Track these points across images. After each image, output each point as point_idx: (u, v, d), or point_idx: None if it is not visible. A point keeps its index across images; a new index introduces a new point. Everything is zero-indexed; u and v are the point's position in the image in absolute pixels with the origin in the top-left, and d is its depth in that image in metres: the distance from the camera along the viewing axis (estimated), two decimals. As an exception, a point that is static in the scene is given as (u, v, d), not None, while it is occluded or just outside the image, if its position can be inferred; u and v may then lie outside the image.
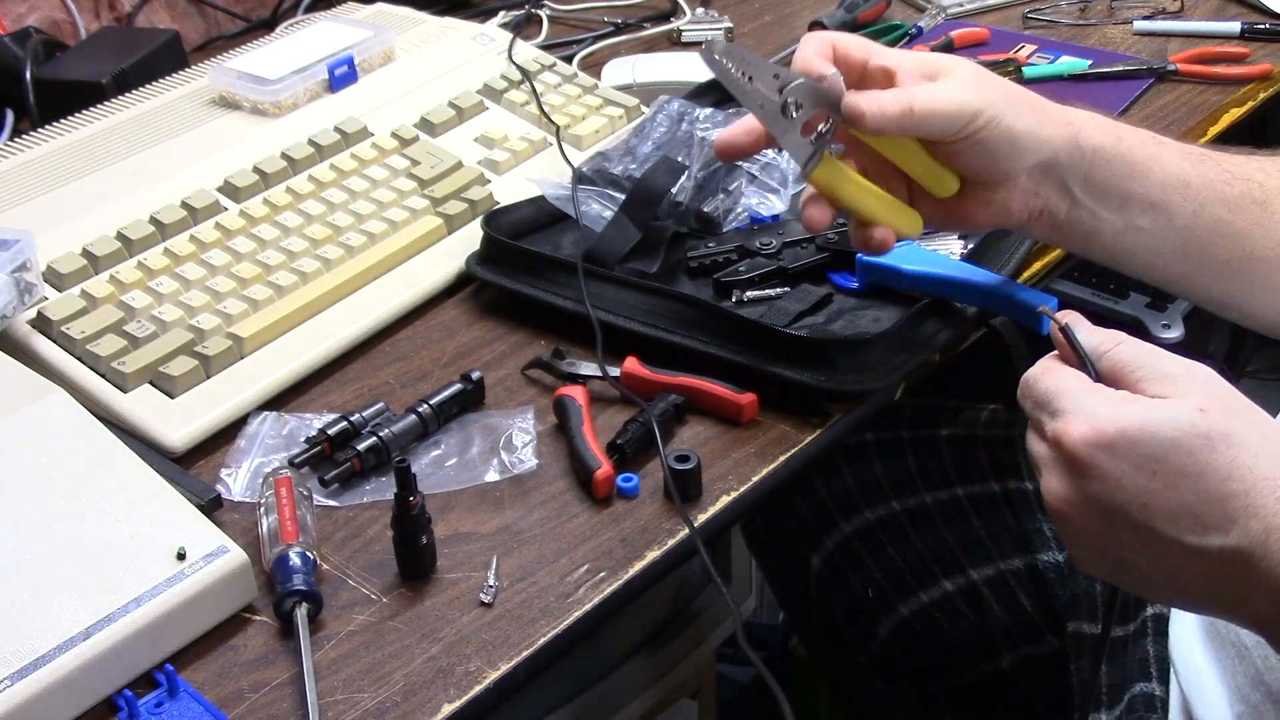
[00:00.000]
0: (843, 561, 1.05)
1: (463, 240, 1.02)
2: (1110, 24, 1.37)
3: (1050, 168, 0.77)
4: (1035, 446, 0.63)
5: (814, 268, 0.95)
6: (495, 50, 1.24)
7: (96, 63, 1.22)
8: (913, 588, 1.00)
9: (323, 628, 0.72)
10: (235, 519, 0.79)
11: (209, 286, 0.94)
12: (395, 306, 0.96)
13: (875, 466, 1.03)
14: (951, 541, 0.99)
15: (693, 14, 1.42)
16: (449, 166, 1.07)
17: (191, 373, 0.87)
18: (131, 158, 1.05)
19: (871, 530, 1.03)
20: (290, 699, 0.68)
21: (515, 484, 0.82)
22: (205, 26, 1.49)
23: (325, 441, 0.83)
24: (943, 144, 0.75)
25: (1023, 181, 0.78)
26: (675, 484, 0.78)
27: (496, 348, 0.94)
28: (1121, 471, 0.58)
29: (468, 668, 0.69)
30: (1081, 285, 1.42)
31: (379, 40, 1.19)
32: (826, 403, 0.85)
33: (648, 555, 0.76)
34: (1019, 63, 1.27)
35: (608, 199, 1.01)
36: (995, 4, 1.44)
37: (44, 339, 0.89)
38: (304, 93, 1.13)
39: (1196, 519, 0.58)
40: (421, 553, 0.75)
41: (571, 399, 0.85)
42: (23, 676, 0.65)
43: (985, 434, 1.02)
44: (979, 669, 1.00)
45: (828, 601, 1.08)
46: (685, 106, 1.09)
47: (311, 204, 1.02)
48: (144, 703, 0.68)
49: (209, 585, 0.71)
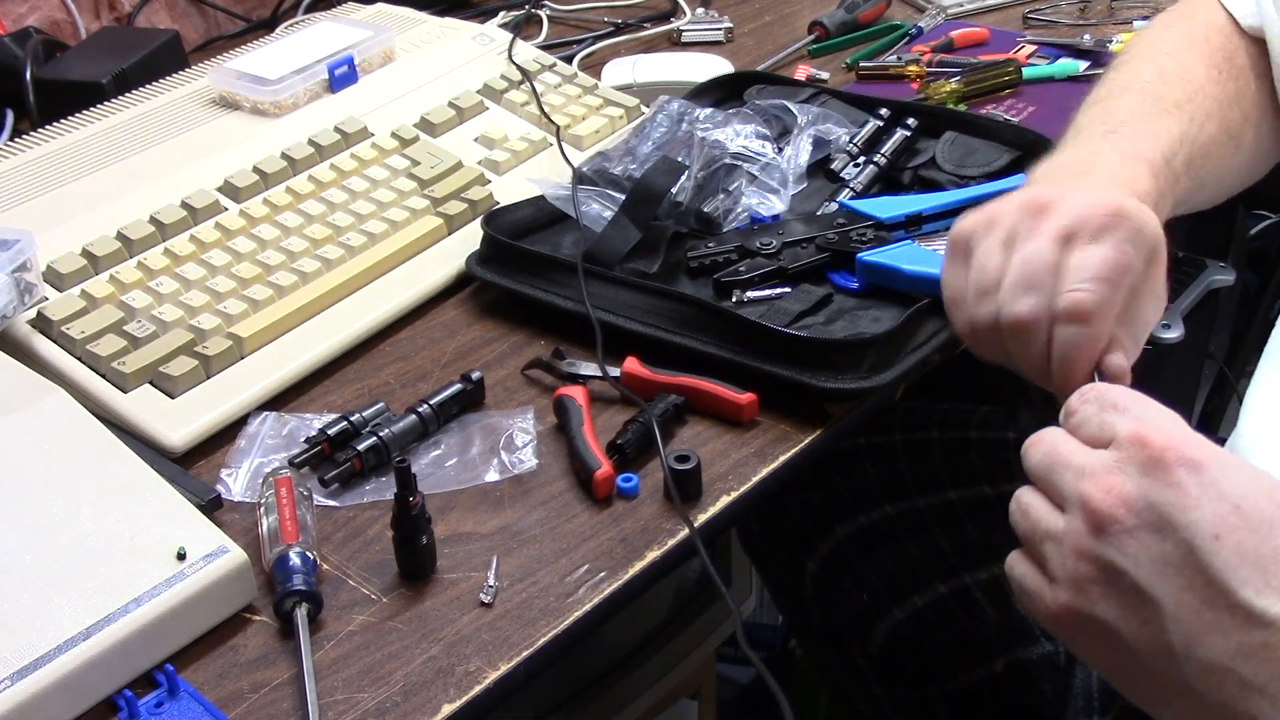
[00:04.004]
0: (837, 566, 1.05)
1: (463, 240, 1.02)
2: (1110, 24, 1.37)
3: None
4: (1040, 514, 0.57)
5: (814, 268, 0.95)
6: (495, 50, 1.24)
7: (96, 63, 1.22)
8: (907, 591, 1.00)
9: (323, 628, 0.72)
10: (235, 519, 0.79)
11: (209, 286, 0.94)
12: (395, 306, 0.96)
13: (868, 470, 1.03)
14: (945, 545, 0.99)
15: (693, 14, 1.42)
16: (449, 166, 1.07)
17: (191, 373, 0.87)
18: (131, 158, 1.05)
19: (865, 534, 1.03)
20: (290, 699, 0.68)
21: (515, 484, 0.82)
22: (205, 26, 1.49)
23: (325, 441, 0.83)
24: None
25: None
26: (675, 484, 0.78)
27: (496, 348, 0.94)
28: (1203, 492, 0.52)
29: (468, 668, 0.69)
30: (1081, 285, 1.42)
31: (379, 40, 1.19)
32: (826, 403, 0.85)
33: (648, 555, 0.76)
34: (1019, 63, 1.27)
35: (608, 199, 1.01)
36: (995, 4, 1.44)
37: (44, 339, 0.89)
38: (304, 93, 1.13)
39: (1265, 574, 0.51)
40: (421, 553, 0.75)
41: (571, 399, 0.85)
42: (23, 676, 0.65)
43: (978, 437, 1.02)
44: (974, 672, 1.00)
45: (824, 606, 1.09)
46: (685, 106, 1.09)
47: (312, 204, 1.02)
48: (144, 703, 0.68)
49: (209, 585, 0.71)
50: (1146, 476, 0.53)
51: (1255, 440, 0.72)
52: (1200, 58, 0.85)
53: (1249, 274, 1.75)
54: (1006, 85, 1.23)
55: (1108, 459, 0.55)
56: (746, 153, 1.03)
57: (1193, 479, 0.53)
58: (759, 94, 1.16)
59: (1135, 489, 0.54)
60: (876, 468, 1.03)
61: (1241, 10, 0.86)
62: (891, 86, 1.27)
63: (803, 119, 1.08)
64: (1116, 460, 0.55)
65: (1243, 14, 0.86)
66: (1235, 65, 0.86)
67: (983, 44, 1.35)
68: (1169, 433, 0.54)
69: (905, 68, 1.29)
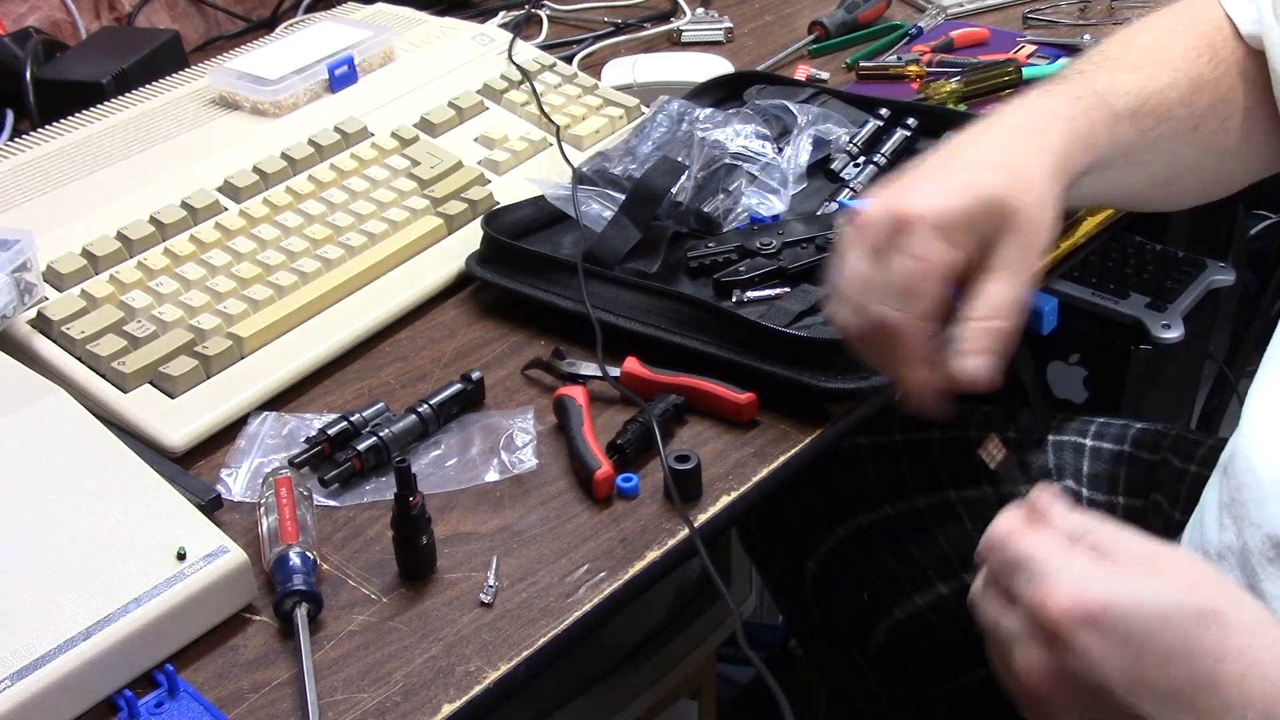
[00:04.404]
0: (838, 566, 1.05)
1: (463, 240, 1.02)
2: (1110, 24, 1.37)
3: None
4: (998, 613, 0.60)
5: (814, 268, 0.95)
6: (495, 50, 1.24)
7: (96, 63, 1.22)
8: (907, 591, 1.00)
9: (323, 628, 0.72)
10: (235, 519, 0.79)
11: (209, 286, 0.94)
12: (395, 306, 0.96)
13: (868, 470, 1.03)
14: (945, 545, 0.99)
15: (693, 14, 1.42)
16: (449, 166, 1.07)
17: (191, 373, 0.87)
18: (131, 158, 1.05)
19: (865, 534, 1.03)
20: (290, 699, 0.68)
21: (515, 484, 0.82)
22: (205, 26, 1.49)
23: (325, 441, 0.83)
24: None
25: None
26: (675, 484, 0.78)
27: (496, 348, 0.94)
28: (1107, 648, 0.55)
29: (468, 668, 0.69)
30: (1081, 285, 1.42)
31: (379, 40, 1.19)
32: (826, 403, 0.85)
33: (648, 555, 0.76)
34: (1019, 63, 1.27)
35: (608, 199, 1.01)
36: (995, 4, 1.44)
37: (44, 339, 0.89)
38: (304, 93, 1.13)
39: (1187, 702, 0.55)
40: (421, 553, 0.75)
41: (571, 399, 0.85)
42: (23, 676, 0.65)
43: (978, 436, 1.02)
44: (974, 672, 1.00)
45: (824, 606, 1.09)
46: (685, 106, 1.09)
47: (311, 204, 1.02)
48: (144, 703, 0.68)
49: (209, 585, 0.71)
50: (1055, 648, 0.56)
51: (1257, 441, 0.72)
52: (1178, 38, 0.84)
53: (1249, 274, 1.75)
54: (1007, 85, 1.23)
55: (1015, 628, 0.59)
56: (746, 153, 1.03)
57: (1094, 638, 0.55)
58: (759, 94, 1.15)
59: (1048, 664, 0.57)
60: (876, 468, 1.03)
61: (1241, 15, 0.85)
62: (891, 86, 1.27)
63: (803, 119, 1.08)
64: (1022, 629, 0.58)
65: (1242, 19, 0.85)
66: (1218, 57, 0.84)
67: (983, 44, 1.35)
68: (1063, 593, 0.56)
69: (905, 68, 1.29)
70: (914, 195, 0.71)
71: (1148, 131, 0.80)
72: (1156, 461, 0.96)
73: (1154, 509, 0.93)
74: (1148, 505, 0.94)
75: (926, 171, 0.74)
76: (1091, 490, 0.96)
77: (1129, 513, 0.94)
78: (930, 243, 0.69)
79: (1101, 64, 0.82)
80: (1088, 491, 0.96)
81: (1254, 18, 0.84)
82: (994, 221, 0.70)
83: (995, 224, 0.70)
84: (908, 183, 0.73)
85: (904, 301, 0.69)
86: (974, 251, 0.70)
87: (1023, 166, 0.72)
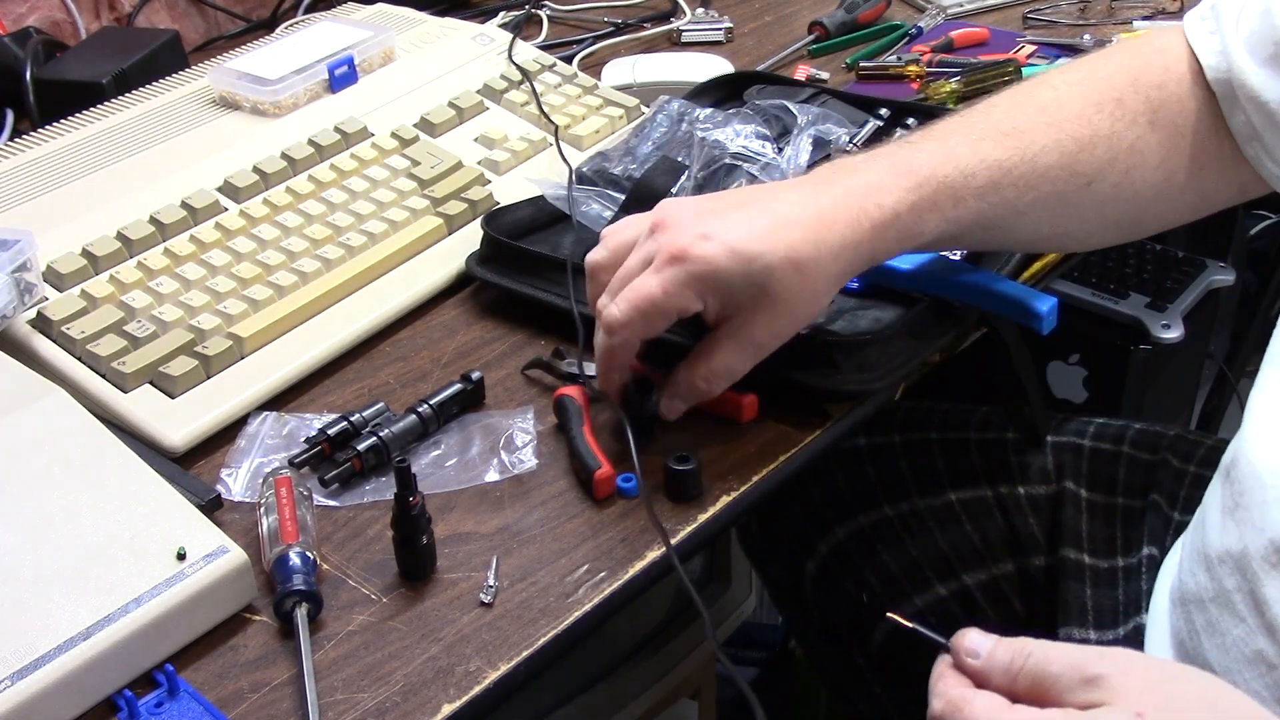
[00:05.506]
0: (837, 566, 1.05)
1: (463, 240, 1.02)
2: (1110, 24, 1.37)
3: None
4: None
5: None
6: (495, 50, 1.24)
7: (96, 63, 1.22)
8: (906, 591, 1.00)
9: (323, 628, 0.72)
10: (235, 519, 0.79)
11: (209, 286, 0.94)
12: (395, 306, 0.96)
13: (867, 470, 1.03)
14: (944, 545, 0.99)
15: (693, 14, 1.42)
16: (449, 167, 1.07)
17: (191, 373, 0.87)
18: (131, 158, 1.05)
19: (864, 535, 1.03)
20: (290, 699, 0.68)
21: (515, 484, 0.82)
22: (205, 26, 1.49)
23: (325, 441, 0.83)
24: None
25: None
26: (675, 484, 0.79)
27: (496, 348, 0.94)
28: None
29: (468, 668, 0.69)
30: (1081, 285, 1.42)
31: (379, 40, 1.19)
32: (826, 403, 0.85)
33: (648, 555, 0.76)
34: (1019, 63, 1.27)
35: (608, 199, 1.01)
36: (995, 4, 1.44)
37: (44, 339, 0.89)
38: (304, 93, 1.13)
39: None
40: (421, 553, 0.75)
41: (571, 399, 0.85)
42: (23, 676, 0.65)
43: (977, 437, 1.02)
44: None
45: (823, 606, 1.08)
46: (685, 106, 1.09)
47: (311, 204, 1.02)
48: (144, 703, 0.68)
49: (209, 585, 0.71)
50: None
51: (1259, 444, 0.72)
52: (1084, 91, 0.83)
53: (1249, 274, 1.75)
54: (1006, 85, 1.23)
55: None
56: (746, 153, 1.03)
57: None
58: (759, 94, 1.15)
59: None
60: (876, 468, 1.03)
61: (1209, 60, 0.82)
62: (891, 86, 1.27)
63: (803, 119, 1.08)
64: None
65: (1209, 63, 0.82)
66: (1123, 109, 0.82)
67: (983, 44, 1.35)
68: None
69: (905, 68, 1.29)
70: (703, 241, 0.75)
71: (1012, 201, 0.80)
72: (1156, 462, 0.96)
73: (1153, 509, 0.93)
74: (1147, 506, 0.94)
75: (730, 219, 0.77)
76: (1091, 490, 0.96)
77: (1128, 513, 0.94)
78: (683, 288, 0.75)
79: (969, 131, 0.82)
80: (1087, 492, 0.96)
81: (1218, 61, 0.82)
82: (752, 294, 0.76)
83: (753, 297, 0.76)
84: (716, 215, 0.77)
85: (628, 314, 0.77)
86: (720, 308, 0.78)
87: (813, 262, 0.76)
